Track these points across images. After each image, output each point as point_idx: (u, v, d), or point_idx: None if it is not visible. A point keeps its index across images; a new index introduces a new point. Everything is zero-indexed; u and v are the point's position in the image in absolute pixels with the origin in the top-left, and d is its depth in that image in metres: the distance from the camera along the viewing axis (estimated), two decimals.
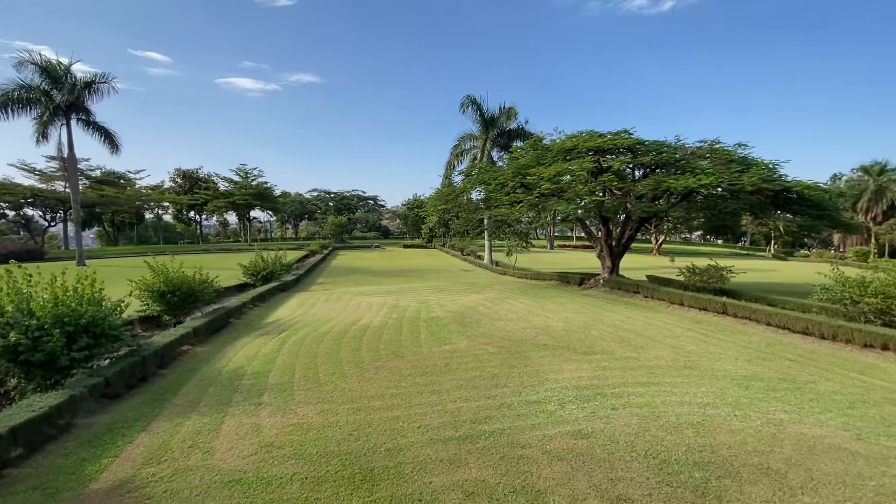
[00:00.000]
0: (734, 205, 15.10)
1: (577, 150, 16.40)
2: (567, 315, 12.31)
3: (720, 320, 11.72)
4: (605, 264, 19.16)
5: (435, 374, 7.18)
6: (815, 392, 6.40)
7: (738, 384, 6.73)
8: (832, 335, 9.43)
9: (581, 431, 5.02)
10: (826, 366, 7.77)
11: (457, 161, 36.01)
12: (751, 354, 8.50)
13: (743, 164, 14.97)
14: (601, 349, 8.82)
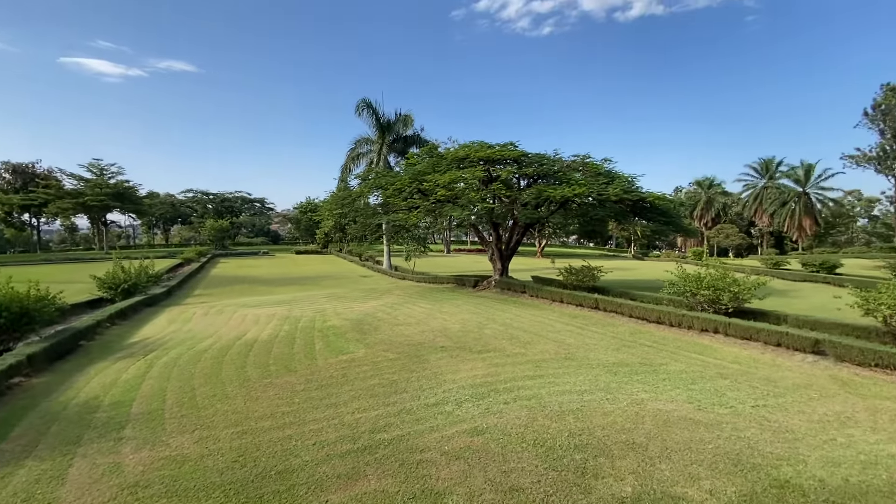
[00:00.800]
0: (602, 212, 17.17)
1: (469, 159, 17.18)
2: (463, 316, 12.76)
3: (593, 314, 13.17)
4: (496, 267, 20.31)
5: (331, 387, 6.89)
6: (667, 372, 7.53)
7: (608, 370, 7.61)
8: (678, 323, 11.20)
9: (477, 429, 5.23)
10: (674, 349, 9.19)
11: (353, 164, 35.24)
12: (618, 343, 9.69)
13: (609, 176, 17.09)
14: (494, 347, 9.31)
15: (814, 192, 59.52)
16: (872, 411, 5.85)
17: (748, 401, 6.13)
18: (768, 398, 6.25)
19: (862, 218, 73.77)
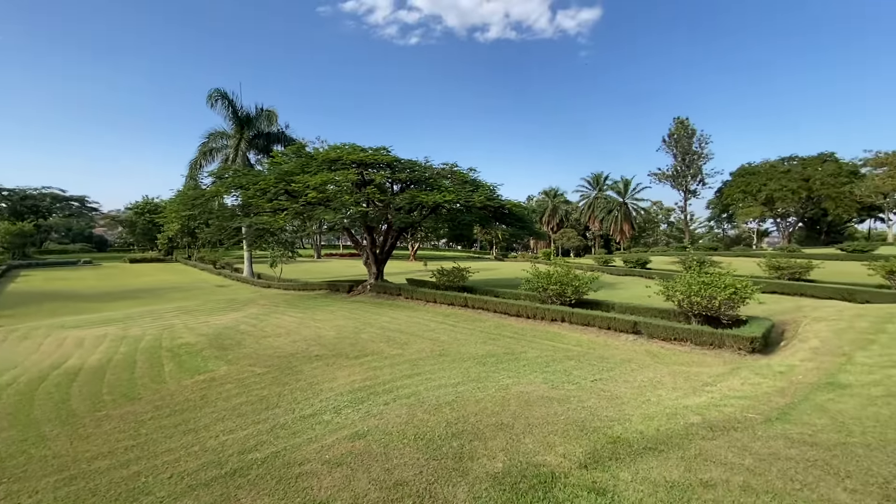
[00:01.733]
0: (469, 217, 18.45)
1: (341, 161, 16.83)
2: (338, 323, 12.45)
3: (463, 312, 14.07)
4: (371, 271, 20.23)
5: (188, 411, 6.12)
6: (526, 359, 8.47)
7: (478, 362, 8.26)
8: (534, 315, 12.65)
9: (358, 433, 5.22)
10: (531, 338, 10.38)
11: (205, 160, 31.36)
12: (485, 337, 10.55)
13: (474, 185, 18.45)
14: (372, 351, 9.32)
15: (630, 202, 72.53)
16: (673, 375, 7.46)
17: (588, 376, 7.29)
18: (603, 372, 7.52)
19: (663, 223, 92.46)
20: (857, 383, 5.37)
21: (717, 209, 70.69)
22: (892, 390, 5.04)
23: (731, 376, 6.71)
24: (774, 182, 56.64)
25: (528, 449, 4.52)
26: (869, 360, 6.31)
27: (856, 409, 4.61)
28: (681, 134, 65.99)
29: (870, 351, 6.73)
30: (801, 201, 56.68)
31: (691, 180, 67.74)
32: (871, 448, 3.71)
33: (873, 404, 4.69)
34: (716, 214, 73.24)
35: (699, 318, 10.40)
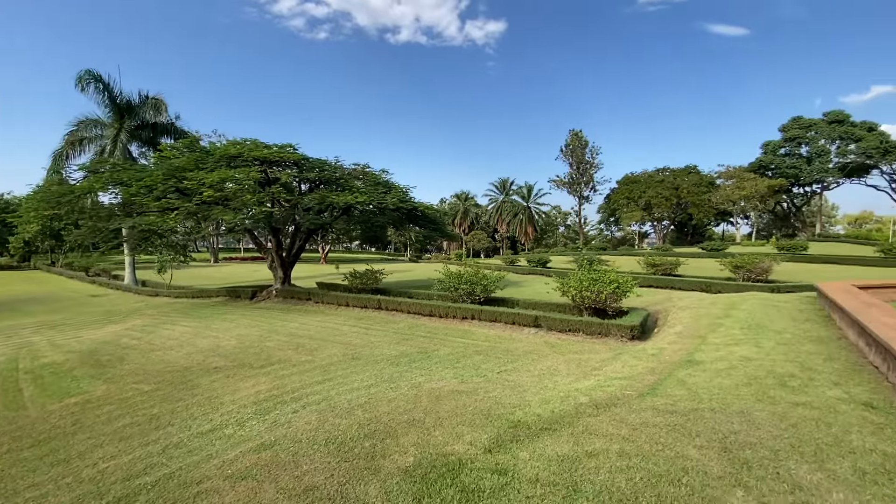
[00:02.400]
0: (382, 219, 18.42)
1: (242, 158, 15.75)
2: (240, 332, 11.65)
3: (377, 314, 14.01)
4: (277, 275, 19.17)
5: (57, 439, 5.35)
6: (438, 356, 8.74)
7: (391, 363, 8.34)
8: (446, 314, 13.04)
9: (264, 444, 5.01)
10: (443, 336, 10.71)
11: (73, 151, 27.14)
12: (399, 338, 10.65)
13: (387, 186, 18.46)
14: (279, 359, 8.91)
15: (533, 207, 77.69)
16: (568, 363, 8.24)
17: (495, 369, 7.77)
18: (507, 364, 8.06)
19: (561, 226, 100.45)
20: (707, 360, 6.46)
21: (606, 213, 78.61)
22: (732, 363, 6.16)
23: (615, 361, 7.63)
24: (652, 190, 64.71)
25: (437, 441, 4.73)
26: (717, 339, 7.61)
27: (706, 381, 5.56)
28: (575, 145, 72.33)
29: (718, 332, 8.11)
30: (673, 207, 65.48)
31: (585, 187, 74.49)
32: (715, 411, 4.53)
33: (718, 376, 5.70)
34: (605, 218, 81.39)
35: (589, 311, 11.59)
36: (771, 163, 61.92)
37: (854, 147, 57.12)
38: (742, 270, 16.46)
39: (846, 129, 57.64)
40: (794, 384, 5.23)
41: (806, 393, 4.95)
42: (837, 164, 58.42)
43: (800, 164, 59.52)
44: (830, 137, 58.57)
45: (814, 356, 6.39)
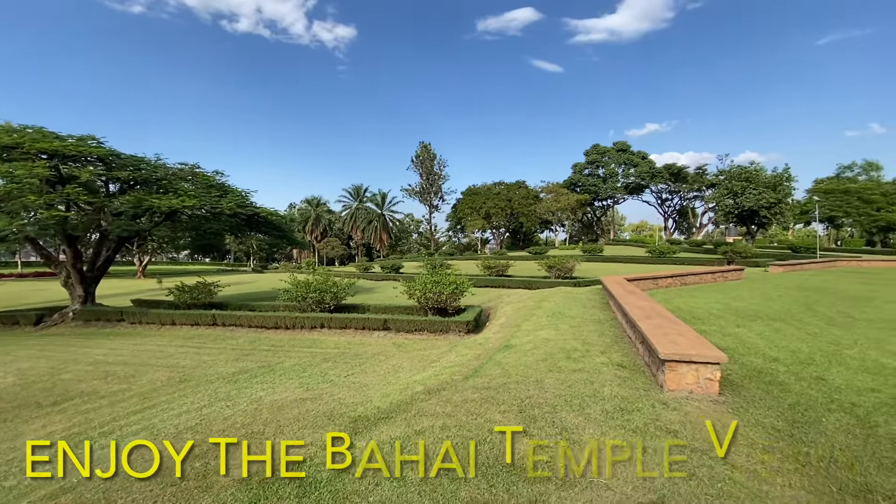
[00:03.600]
0: (217, 225, 16.75)
1: (22, 150, 12.65)
2: (20, 366, 9.38)
3: (212, 331, 12.75)
4: (75, 293, 15.80)
5: None
6: (282, 369, 8.52)
7: (228, 381, 7.83)
8: (293, 324, 12.62)
9: (62, 488, 4.33)
10: (290, 348, 10.40)
11: None
12: (238, 354, 9.97)
13: (222, 189, 16.88)
14: (81, 392, 7.53)
15: (388, 214, 79.03)
16: (411, 359, 8.91)
17: (343, 373, 7.97)
18: (356, 367, 8.34)
19: (415, 233, 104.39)
20: (519, 344, 7.79)
21: (454, 221, 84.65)
22: (536, 344, 7.57)
23: (451, 352, 8.57)
24: (490, 201, 72.15)
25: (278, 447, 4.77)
26: (529, 326, 9.17)
27: (516, 360, 6.75)
28: (425, 156, 76.31)
29: (531, 321, 9.77)
30: (507, 216, 74.06)
31: (434, 197, 78.99)
32: (519, 383, 5.60)
33: (525, 355, 6.96)
34: (453, 226, 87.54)
35: (433, 311, 12.61)
36: (579, 181, 75.01)
37: (633, 171, 73.15)
38: (554, 270, 19.83)
39: (628, 157, 73.49)
40: (576, 356, 6.74)
41: (583, 361, 6.44)
42: (623, 183, 73.94)
43: (598, 183, 73.48)
44: (618, 162, 73.87)
45: (593, 334, 8.26)
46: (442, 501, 3.20)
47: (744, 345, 7.15)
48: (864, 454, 3.59)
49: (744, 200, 51.10)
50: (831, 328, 8.30)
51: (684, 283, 15.94)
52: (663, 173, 72.50)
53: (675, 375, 5.03)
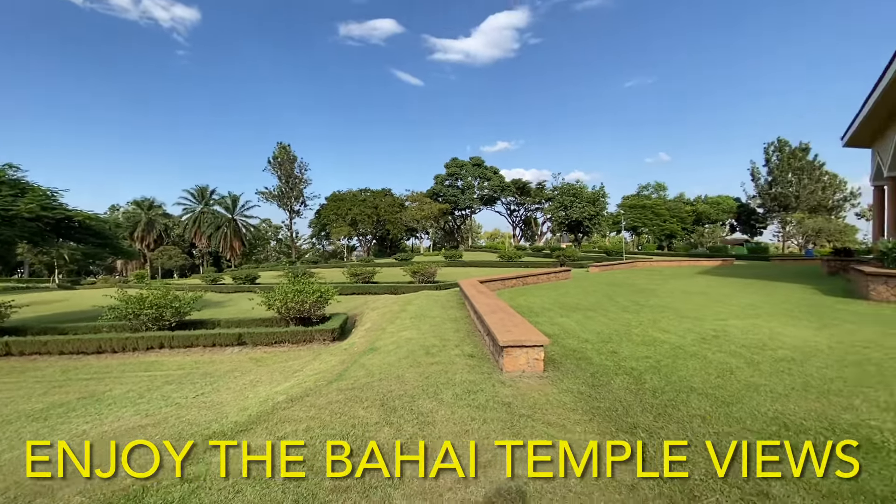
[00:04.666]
0: (9, 232, 13.43)
1: None
2: None
3: (4, 363, 10.28)
4: None
5: None
6: (112, 397, 7.42)
7: (34, 419, 6.54)
8: (122, 347, 10.91)
9: None
10: (119, 373, 9.03)
11: None
12: (47, 387, 8.30)
13: (17, 188, 13.65)
14: None
15: (240, 219, 72.08)
16: (272, 372, 8.59)
17: (191, 394, 7.31)
18: (206, 387, 7.71)
19: (273, 240, 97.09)
20: (384, 345, 8.21)
21: (318, 228, 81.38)
22: (399, 344, 8.07)
23: (315, 361, 8.54)
24: (356, 208, 71.47)
25: (112, 481, 4.28)
26: (393, 329, 9.66)
27: (380, 361, 7.13)
28: (284, 158, 71.92)
29: (395, 323, 10.27)
30: (374, 223, 74.24)
31: (295, 201, 74.88)
32: (381, 380, 5.98)
33: (389, 355, 7.40)
34: (317, 232, 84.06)
35: (295, 321, 12.23)
36: (440, 191, 79.27)
37: (487, 184, 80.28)
38: (418, 275, 20.84)
39: (482, 171, 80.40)
40: (434, 351, 7.43)
41: (440, 355, 7.14)
42: (479, 195, 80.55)
43: (457, 194, 78.72)
44: (474, 175, 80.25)
45: (450, 331, 9.12)
46: (306, 494, 3.39)
47: (565, 330, 8.75)
48: (634, 402, 4.89)
49: (572, 212, 60.48)
50: (625, 314, 10.64)
51: (525, 283, 18.36)
52: (511, 187, 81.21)
53: (511, 359, 6.01)
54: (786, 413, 4.45)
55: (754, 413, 4.47)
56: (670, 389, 5.21)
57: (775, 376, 5.61)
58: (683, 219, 70.58)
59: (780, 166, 59.65)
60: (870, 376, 5.51)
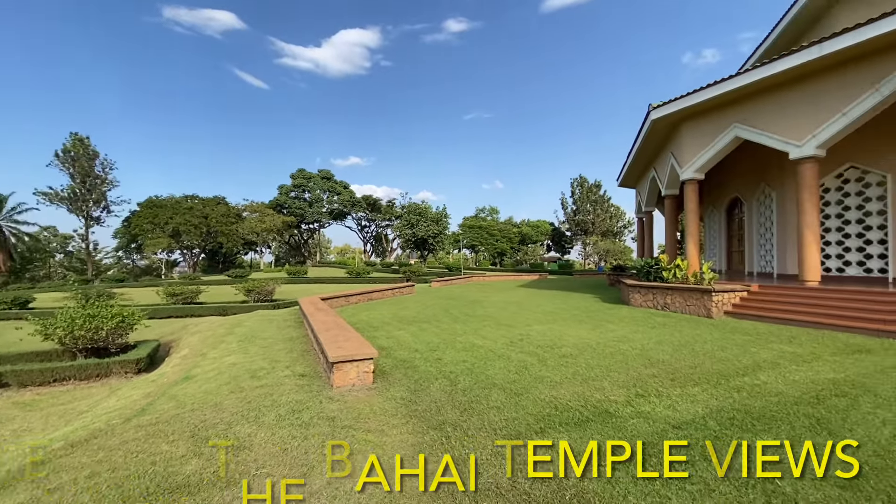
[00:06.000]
0: None
1: None
2: None
3: None
4: None
5: None
6: None
7: None
8: None
9: None
10: None
11: None
12: None
13: None
14: None
15: (7, 226, 55.69)
16: (47, 417, 7.01)
17: None
18: None
19: (59, 253, 77.26)
20: (202, 373, 7.47)
21: (126, 239, 68.03)
22: (221, 370, 7.45)
23: (111, 398, 7.26)
24: (180, 216, 62.09)
25: None
26: (216, 354, 8.82)
27: (195, 390, 6.49)
28: (79, 152, 58.50)
29: (219, 348, 9.39)
30: (203, 235, 65.47)
31: (94, 206, 61.33)
32: (194, 410, 5.49)
33: (207, 383, 6.78)
34: (125, 244, 70.12)
35: (86, 352, 10.13)
36: (285, 202, 74.61)
37: (337, 198, 78.73)
38: (253, 293, 19.24)
39: (332, 185, 78.61)
40: (262, 374, 7.09)
41: (267, 378, 6.86)
42: (328, 209, 78.36)
43: (304, 207, 75.22)
44: (323, 189, 77.91)
45: (282, 352, 8.78)
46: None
47: (399, 343, 9.28)
48: (447, 402, 5.55)
49: (418, 231, 63.60)
50: (455, 324, 11.77)
51: (370, 298, 18.64)
52: (362, 203, 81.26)
53: (342, 374, 6.18)
54: (558, 397, 5.62)
55: (536, 399, 5.54)
56: (477, 387, 6.06)
57: (556, 369, 7.00)
58: (511, 239, 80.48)
59: (581, 198, 73.27)
60: (618, 364, 7.30)
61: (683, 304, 12.67)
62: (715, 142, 13.89)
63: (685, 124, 14.95)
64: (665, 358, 7.55)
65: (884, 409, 4.91)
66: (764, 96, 12.42)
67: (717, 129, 13.81)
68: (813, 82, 11.29)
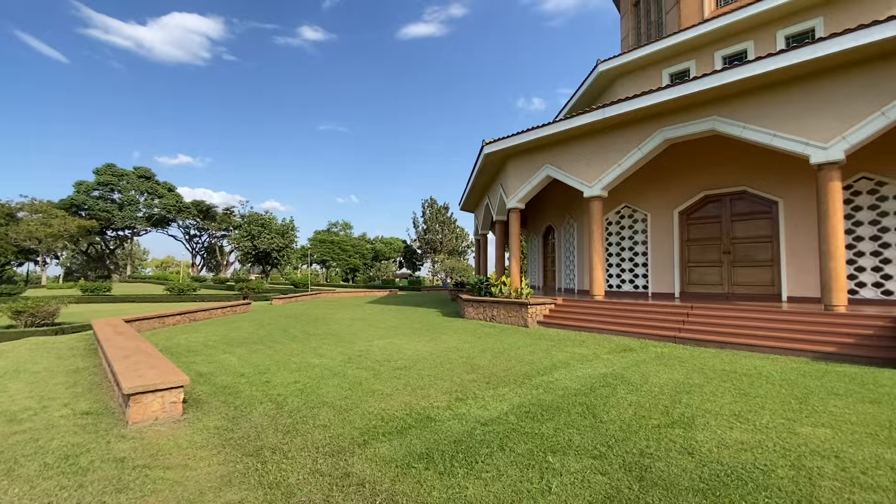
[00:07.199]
0: None
1: None
2: None
3: None
4: None
5: None
6: None
7: None
8: None
9: None
10: None
11: None
12: None
13: None
14: None
15: None
16: None
17: None
18: None
19: None
20: None
21: None
22: None
23: None
24: None
25: None
26: None
27: None
28: None
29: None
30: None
31: None
32: None
33: None
34: None
35: None
36: (85, 203, 60.67)
37: (159, 202, 67.29)
38: (25, 316, 15.03)
39: (152, 186, 66.99)
40: (25, 416, 5.66)
41: (33, 420, 5.50)
42: (145, 214, 66.34)
43: (112, 210, 62.32)
44: (139, 190, 65.81)
45: (60, 386, 7.13)
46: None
47: (222, 367, 8.42)
48: (269, 426, 5.26)
49: (260, 243, 58.50)
50: (293, 343, 11.19)
51: (194, 319, 16.37)
52: (192, 209, 71.07)
53: (140, 407, 5.35)
54: (386, 409, 5.85)
55: (365, 413, 5.67)
56: (306, 407, 5.91)
57: (389, 381, 7.27)
58: (365, 255, 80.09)
59: (431, 218, 77.37)
60: (445, 372, 7.92)
61: (507, 315, 14.43)
62: (532, 178, 16.40)
63: (511, 160, 17.30)
64: (485, 364, 8.50)
65: (632, 393, 6.41)
66: (566, 144, 15.25)
67: (533, 167, 16.35)
68: (601, 136, 14.33)
